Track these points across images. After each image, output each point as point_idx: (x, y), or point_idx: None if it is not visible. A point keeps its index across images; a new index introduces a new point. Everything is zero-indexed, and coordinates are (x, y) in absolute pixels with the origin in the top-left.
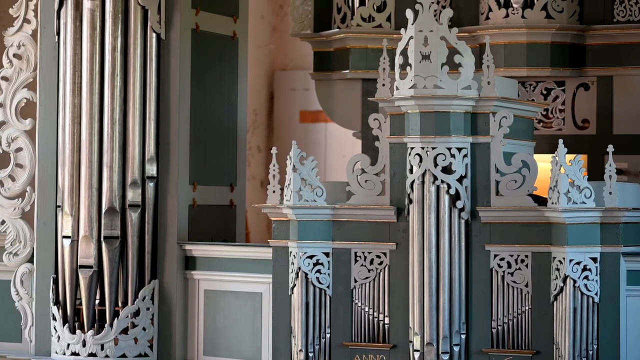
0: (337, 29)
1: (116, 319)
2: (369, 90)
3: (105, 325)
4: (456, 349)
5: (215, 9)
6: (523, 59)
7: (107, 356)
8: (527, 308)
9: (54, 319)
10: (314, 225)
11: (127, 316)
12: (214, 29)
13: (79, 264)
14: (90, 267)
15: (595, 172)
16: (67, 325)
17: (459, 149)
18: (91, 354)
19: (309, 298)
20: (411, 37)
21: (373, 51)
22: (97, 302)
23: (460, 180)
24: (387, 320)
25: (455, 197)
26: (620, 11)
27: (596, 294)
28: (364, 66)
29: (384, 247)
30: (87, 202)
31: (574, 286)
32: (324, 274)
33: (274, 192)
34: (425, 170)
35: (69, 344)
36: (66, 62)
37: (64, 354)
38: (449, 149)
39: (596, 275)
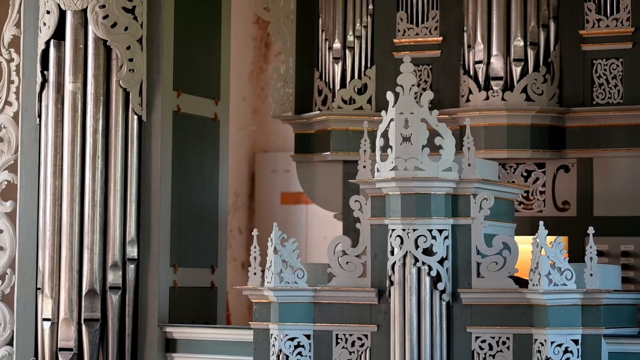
0: (318, 111)
1: None
2: (349, 172)
3: None
4: None
5: (197, 91)
6: (503, 141)
7: None
8: None
9: None
10: (295, 307)
11: None
12: (195, 111)
13: (59, 346)
14: (71, 349)
15: (576, 254)
16: None
17: (440, 231)
18: None
19: None
20: (392, 119)
21: (354, 133)
22: None
23: (441, 262)
24: None
25: (436, 279)
26: (600, 94)
27: None
28: (345, 148)
29: (365, 329)
30: (68, 284)
31: None
32: (305, 356)
33: (255, 274)
34: (406, 252)
35: None
36: (47, 144)
37: None
38: (430, 230)
39: (578, 357)
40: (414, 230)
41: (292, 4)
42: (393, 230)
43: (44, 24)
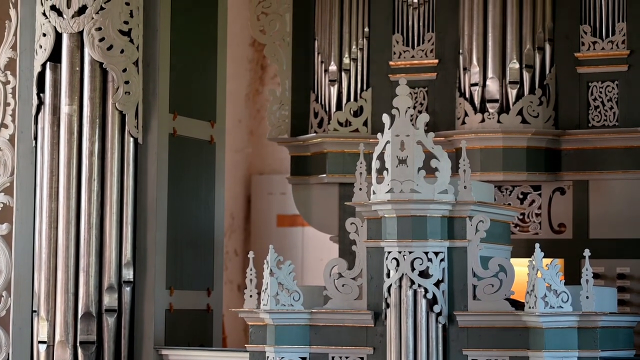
0: (314, 134)
1: None
2: (346, 194)
3: None
4: None
5: (193, 114)
6: (499, 163)
7: None
8: None
9: None
10: (291, 330)
11: None
12: (191, 134)
13: None
14: None
15: (572, 277)
16: None
17: (436, 253)
18: None
19: None
20: (388, 142)
21: (350, 155)
22: None
23: (437, 284)
24: None
25: (432, 302)
26: (595, 116)
27: None
28: (341, 170)
29: (362, 352)
30: (63, 307)
31: None
32: None
33: (250, 296)
34: (403, 274)
35: None
36: (43, 166)
37: None
38: (426, 253)
39: None
40: (410, 252)
41: (288, 26)
42: (389, 252)
43: (40, 46)
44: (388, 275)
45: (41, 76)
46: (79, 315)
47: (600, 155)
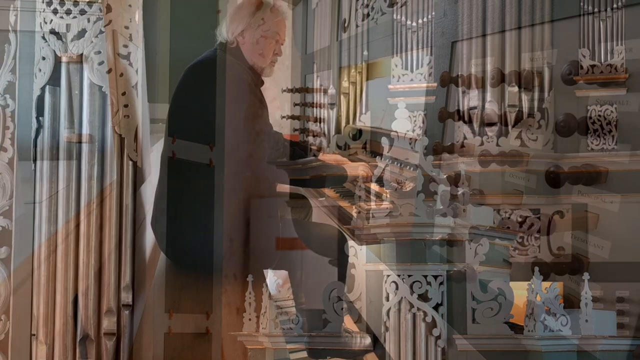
0: (313, 157)
1: None
2: (344, 217)
3: None
4: None
5: (192, 137)
6: (498, 186)
7: None
8: None
9: None
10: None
11: None
12: (190, 157)
13: None
14: None
15: (571, 300)
16: None
17: (435, 277)
18: None
19: None
20: (387, 165)
21: (349, 178)
22: None
23: (436, 308)
24: None
25: (431, 325)
26: (594, 139)
27: None
28: (340, 194)
29: None
30: (62, 330)
31: None
32: None
33: (250, 319)
34: (402, 297)
35: None
36: (42, 189)
37: None
38: (425, 276)
39: None
40: (409, 276)
41: (287, 49)
42: (388, 276)
43: (40, 70)
44: (387, 299)
45: (40, 100)
46: (78, 339)
47: (599, 178)
